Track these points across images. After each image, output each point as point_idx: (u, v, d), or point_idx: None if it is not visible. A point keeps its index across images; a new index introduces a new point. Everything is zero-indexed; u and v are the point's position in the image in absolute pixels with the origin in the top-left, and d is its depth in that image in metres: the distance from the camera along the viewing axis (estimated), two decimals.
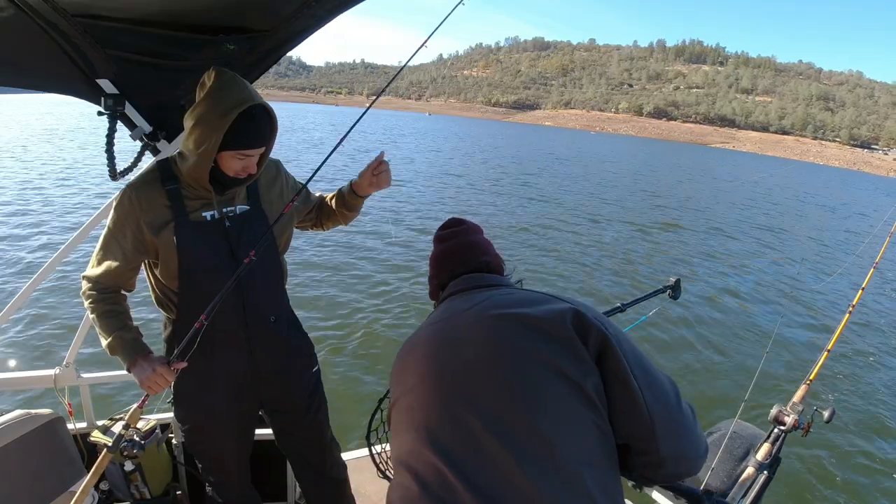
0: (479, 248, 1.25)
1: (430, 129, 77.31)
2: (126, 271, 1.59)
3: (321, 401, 2.02)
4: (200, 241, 1.58)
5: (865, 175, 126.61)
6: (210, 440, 1.85)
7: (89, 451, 2.17)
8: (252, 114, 1.46)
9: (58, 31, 1.40)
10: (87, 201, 12.24)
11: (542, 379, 0.89)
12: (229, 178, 1.56)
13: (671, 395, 0.95)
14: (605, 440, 0.89)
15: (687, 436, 0.96)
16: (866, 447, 5.28)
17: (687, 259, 12.26)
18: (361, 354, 6.02)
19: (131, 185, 1.56)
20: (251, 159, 1.54)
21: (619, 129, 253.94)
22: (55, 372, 2.15)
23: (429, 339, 1.04)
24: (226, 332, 1.65)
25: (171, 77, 1.68)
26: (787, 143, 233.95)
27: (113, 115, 1.70)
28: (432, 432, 0.90)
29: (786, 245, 15.82)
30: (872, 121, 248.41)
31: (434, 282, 1.27)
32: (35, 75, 1.64)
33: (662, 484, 1.03)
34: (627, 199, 22.05)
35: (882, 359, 7.55)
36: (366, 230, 11.33)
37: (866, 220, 25.68)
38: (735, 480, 1.86)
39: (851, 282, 10.94)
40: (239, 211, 1.66)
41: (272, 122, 1.55)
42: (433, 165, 27.54)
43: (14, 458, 1.85)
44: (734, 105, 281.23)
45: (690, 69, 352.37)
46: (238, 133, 1.45)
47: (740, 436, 2.04)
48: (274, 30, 1.56)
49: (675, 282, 2.36)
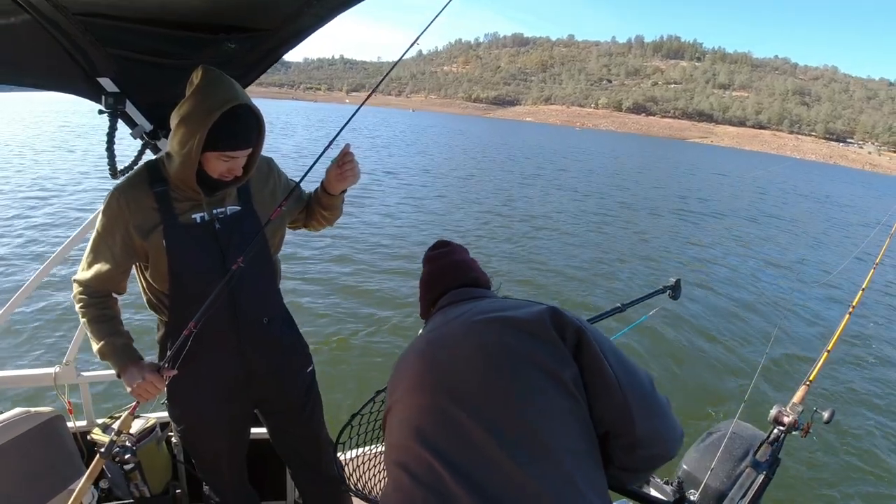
0: (467, 266, 1.33)
1: (424, 127, 77.20)
2: (116, 275, 1.58)
3: (316, 400, 2.02)
4: (190, 244, 1.56)
5: (844, 169, 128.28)
6: (202, 441, 1.85)
7: (89, 449, 2.16)
8: (237, 114, 1.43)
9: (59, 30, 1.40)
10: (88, 199, 12.12)
11: (524, 372, 0.95)
12: (215, 180, 1.53)
13: (645, 381, 1.00)
14: (587, 431, 0.94)
15: (662, 416, 1.00)
16: (866, 448, 5.28)
17: (687, 260, 12.26)
18: (357, 352, 5.98)
19: (118, 188, 1.53)
20: (236, 161, 1.52)
21: (599, 124, 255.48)
22: (55, 370, 2.14)
23: (420, 348, 1.09)
24: (216, 335, 1.63)
25: (172, 76, 1.67)
26: (765, 137, 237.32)
27: (113, 113, 1.69)
28: (420, 429, 0.94)
29: (786, 245, 15.82)
30: (847, 115, 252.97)
31: (425, 299, 1.33)
32: (36, 73, 1.64)
33: (640, 472, 1.05)
34: (629, 197, 22.22)
35: (882, 359, 7.57)
36: (365, 225, 11.36)
37: (867, 219, 25.57)
38: (734, 481, 1.89)
39: (852, 282, 10.84)
40: (230, 212, 1.64)
41: (259, 124, 1.52)
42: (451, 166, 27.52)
43: (14, 455, 1.84)
44: (712, 100, 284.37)
45: (668, 65, 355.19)
46: (222, 133, 1.43)
47: (740, 436, 2.07)
48: (275, 29, 1.57)
49: (675, 282, 2.38)
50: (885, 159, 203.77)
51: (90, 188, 13.64)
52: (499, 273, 9.18)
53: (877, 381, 6.87)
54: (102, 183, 14.00)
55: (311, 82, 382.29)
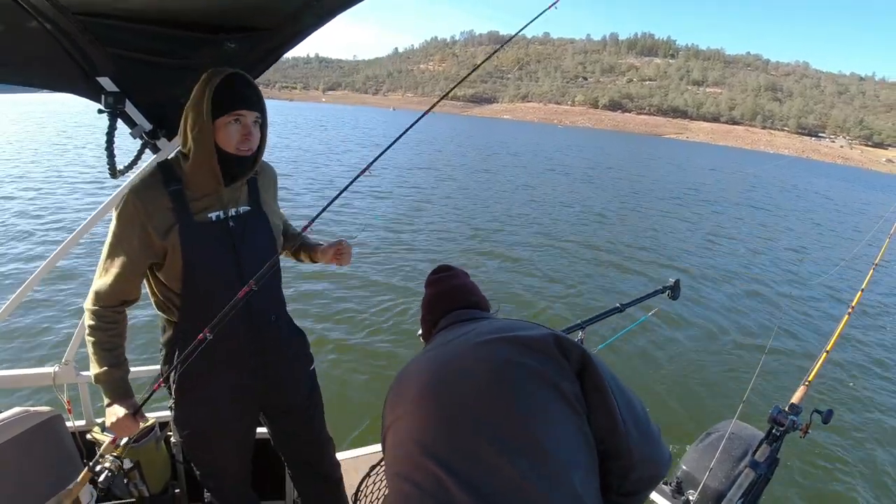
0: (468, 289, 1.37)
1: (420, 126, 76.38)
2: (134, 277, 1.57)
3: (318, 399, 2.03)
4: (205, 242, 1.57)
5: (818, 163, 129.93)
6: (208, 445, 1.83)
7: (88, 448, 2.15)
8: (234, 79, 1.49)
9: (58, 29, 1.41)
10: (86, 199, 11.93)
11: (528, 386, 0.97)
12: (234, 158, 1.55)
13: (639, 410, 1.05)
14: (589, 446, 0.97)
15: (655, 443, 1.06)
16: (865, 448, 5.29)
17: (686, 261, 12.19)
18: (357, 351, 5.94)
19: (133, 189, 1.53)
20: (248, 125, 1.54)
21: (576, 121, 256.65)
22: (54, 369, 2.13)
23: (422, 366, 1.11)
24: (230, 336, 1.62)
25: (172, 75, 1.69)
26: (738, 132, 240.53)
27: (113, 113, 1.69)
28: (425, 443, 0.95)
29: (786, 245, 15.78)
30: (819, 110, 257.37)
31: (427, 321, 1.37)
32: (35, 73, 1.63)
33: (636, 496, 1.08)
34: (629, 197, 22.26)
35: (881, 360, 7.61)
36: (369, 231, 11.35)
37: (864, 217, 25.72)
38: (733, 481, 1.91)
39: (851, 282, 11.10)
40: (242, 211, 1.66)
41: (258, 91, 1.56)
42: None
43: (13, 455, 1.83)
44: (686, 97, 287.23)
45: (643, 62, 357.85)
46: (225, 95, 1.47)
47: (739, 436, 2.10)
48: (275, 28, 1.59)
49: (674, 282, 2.39)
50: (856, 153, 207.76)
51: (89, 188, 13.42)
52: (498, 277, 9.19)
53: (876, 381, 6.92)
54: (100, 182, 13.83)
55: (287, 81, 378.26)
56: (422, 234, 11.68)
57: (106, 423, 1.57)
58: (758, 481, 1.90)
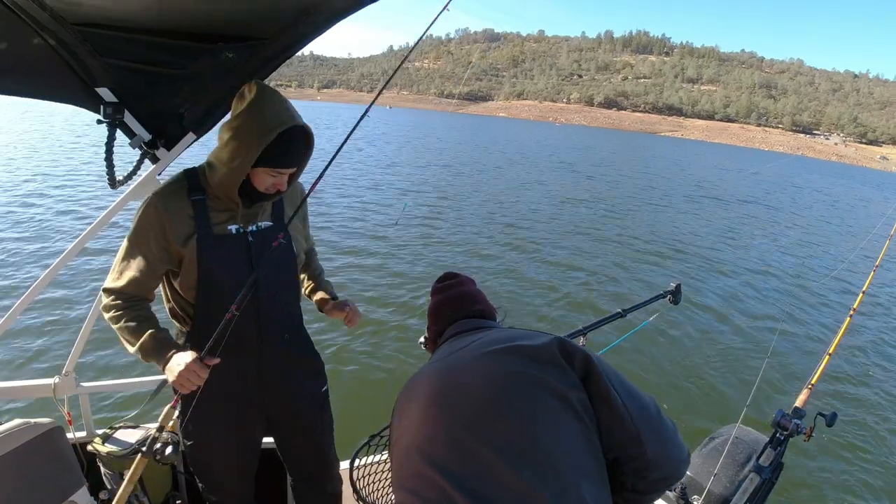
0: (474, 297, 1.37)
1: (418, 125, 76.54)
2: (150, 280, 1.57)
3: (328, 420, 2.03)
4: (222, 255, 1.57)
5: (813, 160, 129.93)
6: (213, 458, 1.83)
7: (89, 460, 2.14)
8: (291, 134, 1.47)
9: (57, 40, 1.41)
10: (86, 210, 11.78)
11: (534, 396, 0.97)
12: (259, 193, 1.56)
13: (651, 407, 1.05)
14: (596, 454, 0.96)
15: (671, 439, 1.05)
16: (870, 451, 5.25)
17: (685, 262, 12.14)
18: (364, 366, 5.80)
19: (157, 194, 1.54)
20: (283, 177, 1.56)
21: (571, 119, 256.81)
22: (54, 381, 2.12)
23: (429, 376, 1.11)
24: (238, 350, 1.60)
25: (171, 85, 1.67)
26: (733, 130, 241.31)
27: (112, 123, 1.69)
28: (431, 454, 0.95)
29: (786, 246, 15.73)
30: (814, 107, 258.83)
31: (433, 329, 1.37)
32: (34, 84, 1.63)
33: (652, 495, 1.07)
34: (629, 196, 22.25)
35: (884, 361, 7.58)
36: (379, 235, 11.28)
37: (865, 216, 25.66)
38: (738, 486, 1.90)
39: (852, 284, 11.11)
40: (263, 226, 1.66)
41: (308, 143, 1.57)
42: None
43: (13, 467, 1.82)
44: (681, 94, 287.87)
45: (638, 60, 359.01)
46: (275, 152, 1.47)
47: (743, 441, 2.09)
48: (273, 37, 1.57)
49: (675, 287, 2.40)
50: (850, 150, 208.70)
51: (88, 198, 13.24)
52: (499, 277, 9.11)
53: (879, 382, 6.89)
54: (99, 192, 13.72)
55: (282, 79, 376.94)
56: (433, 242, 11.51)
57: (168, 379, 1.50)
58: (762, 486, 1.90)
